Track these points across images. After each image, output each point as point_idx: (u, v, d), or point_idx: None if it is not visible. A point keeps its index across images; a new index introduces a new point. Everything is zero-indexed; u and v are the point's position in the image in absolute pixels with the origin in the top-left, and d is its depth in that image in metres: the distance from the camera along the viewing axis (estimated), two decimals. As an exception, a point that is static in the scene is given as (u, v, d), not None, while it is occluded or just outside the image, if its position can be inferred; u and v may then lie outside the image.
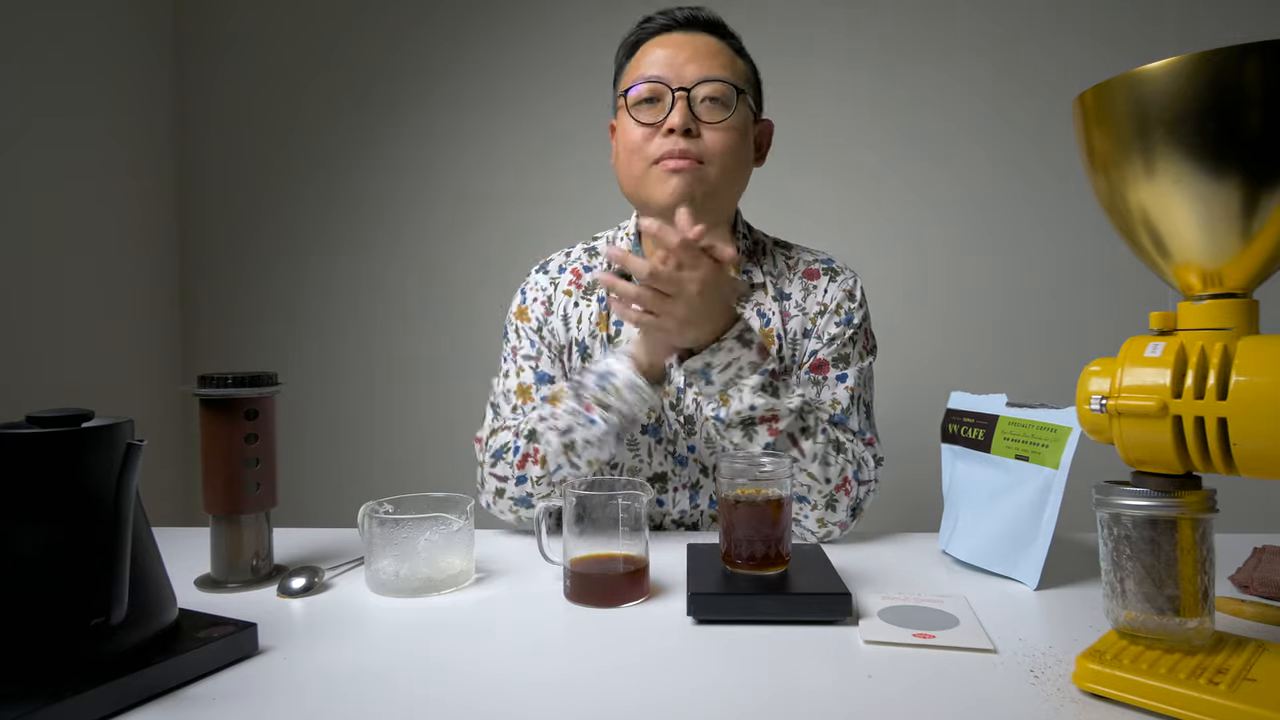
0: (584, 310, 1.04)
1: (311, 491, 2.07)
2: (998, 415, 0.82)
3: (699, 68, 0.94)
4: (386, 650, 0.62)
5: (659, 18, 0.99)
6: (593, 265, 1.07)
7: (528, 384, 1.02)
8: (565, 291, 1.05)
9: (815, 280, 1.03)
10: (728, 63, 0.97)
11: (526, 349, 1.04)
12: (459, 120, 2.04)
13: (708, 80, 0.94)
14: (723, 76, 0.95)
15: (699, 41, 0.96)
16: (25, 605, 0.52)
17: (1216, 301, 0.51)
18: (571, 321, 1.04)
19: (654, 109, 0.95)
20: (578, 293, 1.05)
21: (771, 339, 1.00)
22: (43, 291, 1.72)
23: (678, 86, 0.93)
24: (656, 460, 1.00)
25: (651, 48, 0.97)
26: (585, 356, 1.02)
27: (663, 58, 0.95)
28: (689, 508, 1.01)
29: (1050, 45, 1.81)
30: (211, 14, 2.12)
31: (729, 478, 0.72)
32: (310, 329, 2.12)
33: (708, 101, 0.94)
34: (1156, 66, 0.49)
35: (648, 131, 0.95)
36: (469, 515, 0.77)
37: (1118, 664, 0.52)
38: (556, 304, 1.05)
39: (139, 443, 0.56)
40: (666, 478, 1.00)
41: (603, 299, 1.03)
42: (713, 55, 0.96)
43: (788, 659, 0.60)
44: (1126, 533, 0.54)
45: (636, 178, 0.97)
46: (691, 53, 0.95)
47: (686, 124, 0.92)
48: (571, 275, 1.07)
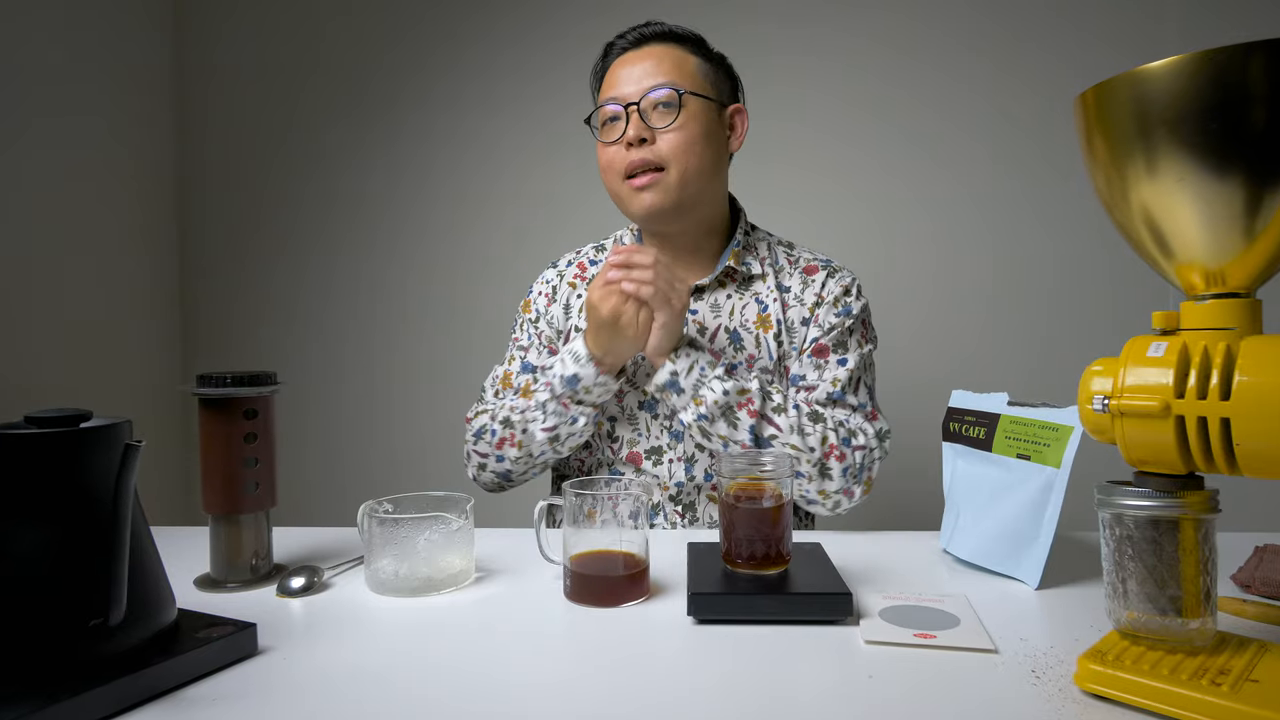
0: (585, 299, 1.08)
1: (311, 491, 2.07)
2: (999, 414, 0.82)
3: (645, 78, 1.01)
4: (386, 650, 0.62)
5: (618, 42, 1.06)
6: (598, 259, 1.16)
7: (512, 372, 1.13)
8: (570, 283, 1.14)
9: (814, 275, 1.09)
10: (673, 66, 1.02)
11: (523, 340, 1.15)
12: (459, 120, 2.04)
13: (654, 89, 1.00)
14: (665, 82, 1.00)
15: (649, 54, 1.03)
16: (24, 606, 0.51)
17: (1219, 301, 0.51)
18: (573, 310, 1.12)
19: (615, 128, 1.03)
20: (581, 284, 1.14)
21: (770, 324, 1.06)
22: (43, 291, 1.72)
23: (627, 103, 1.01)
24: (653, 434, 1.05)
25: (613, 72, 1.04)
26: None
27: (619, 79, 1.03)
28: (684, 479, 1.05)
29: (1050, 45, 1.81)
30: (212, 14, 2.12)
31: (729, 477, 0.72)
32: (310, 329, 2.12)
33: (659, 108, 1.01)
34: (1158, 65, 0.48)
35: (615, 149, 1.02)
36: (469, 515, 0.77)
37: (1119, 664, 0.52)
38: (560, 293, 1.14)
39: (137, 443, 0.56)
40: (662, 450, 1.05)
41: None
42: (659, 61, 1.02)
43: (788, 659, 0.60)
44: (1129, 533, 0.54)
45: (616, 194, 1.05)
46: (642, 70, 1.01)
47: (640, 134, 0.99)
48: (577, 269, 1.16)
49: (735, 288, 1.07)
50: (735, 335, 1.05)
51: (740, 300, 1.06)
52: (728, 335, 1.05)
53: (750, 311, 1.06)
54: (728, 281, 1.07)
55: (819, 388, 1.02)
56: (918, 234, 1.88)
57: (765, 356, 1.04)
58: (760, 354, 1.04)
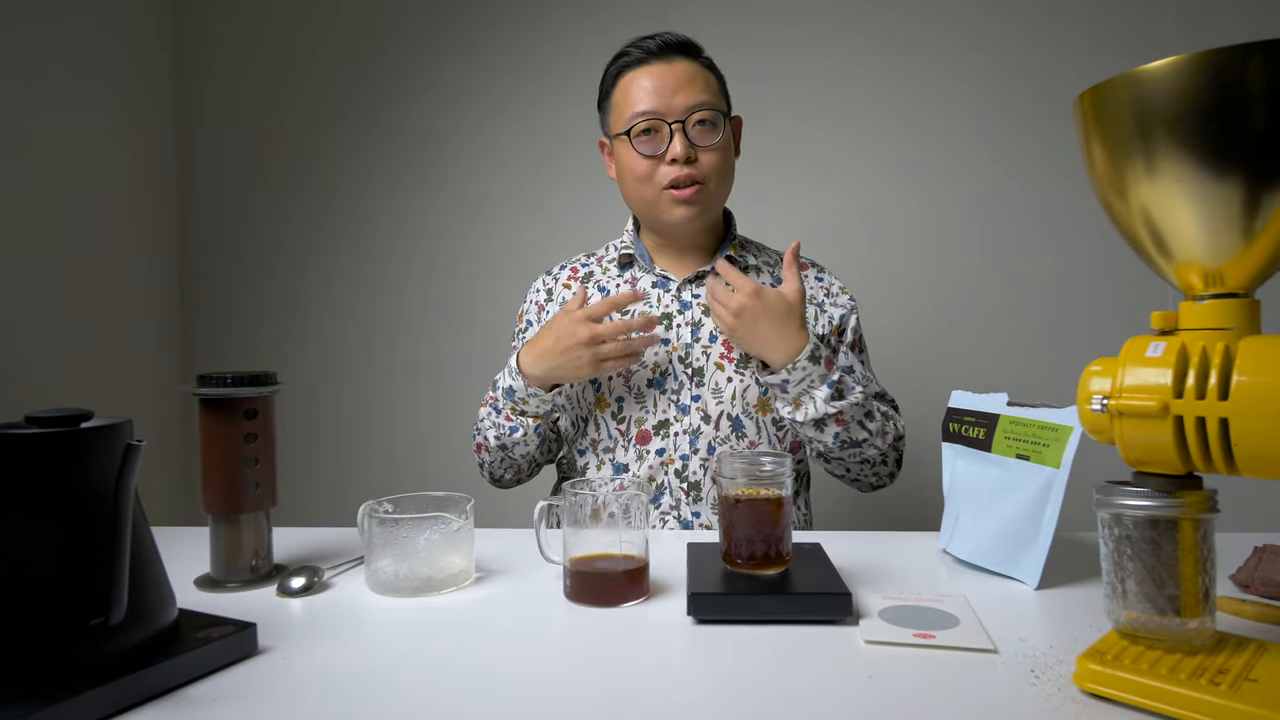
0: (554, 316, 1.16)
1: (311, 491, 2.08)
2: (999, 414, 0.82)
3: (686, 96, 1.05)
4: (386, 650, 0.62)
5: (634, 50, 1.08)
6: (589, 263, 1.21)
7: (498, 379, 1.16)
8: (565, 285, 1.20)
9: (806, 270, 1.19)
10: (706, 84, 1.07)
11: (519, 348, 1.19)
12: (459, 119, 2.04)
13: (697, 108, 1.05)
14: (708, 102, 1.06)
15: (678, 69, 1.06)
16: (24, 605, 0.52)
17: (1218, 301, 0.51)
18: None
19: (652, 140, 1.06)
20: (576, 284, 1.19)
21: None
22: (43, 291, 1.72)
23: (673, 120, 1.04)
24: (660, 408, 1.09)
25: (636, 78, 1.07)
26: None
27: (649, 89, 1.05)
28: (689, 451, 1.08)
29: (1050, 45, 1.81)
30: (212, 13, 2.12)
31: (729, 477, 0.72)
32: (310, 329, 2.12)
33: (699, 126, 1.06)
34: (1158, 66, 0.48)
35: (651, 163, 1.06)
36: (469, 515, 0.77)
37: (1118, 664, 0.52)
38: (556, 294, 1.19)
39: (138, 443, 0.56)
40: (669, 424, 1.09)
41: (604, 289, 1.17)
42: (693, 81, 1.06)
43: (788, 659, 0.60)
44: (1127, 533, 0.54)
45: (649, 202, 1.08)
46: (675, 82, 1.05)
47: (687, 153, 1.04)
48: (570, 272, 1.21)
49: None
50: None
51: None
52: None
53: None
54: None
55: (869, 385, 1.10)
56: (917, 234, 1.88)
57: None
58: None
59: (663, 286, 1.14)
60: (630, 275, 1.16)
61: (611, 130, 1.11)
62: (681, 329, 1.10)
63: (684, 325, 1.10)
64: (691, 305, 1.12)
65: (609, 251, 1.21)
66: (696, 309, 1.11)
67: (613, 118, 1.10)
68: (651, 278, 1.15)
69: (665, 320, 1.11)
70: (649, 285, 1.14)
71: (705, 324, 1.10)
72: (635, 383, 1.09)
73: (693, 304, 1.12)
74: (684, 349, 1.10)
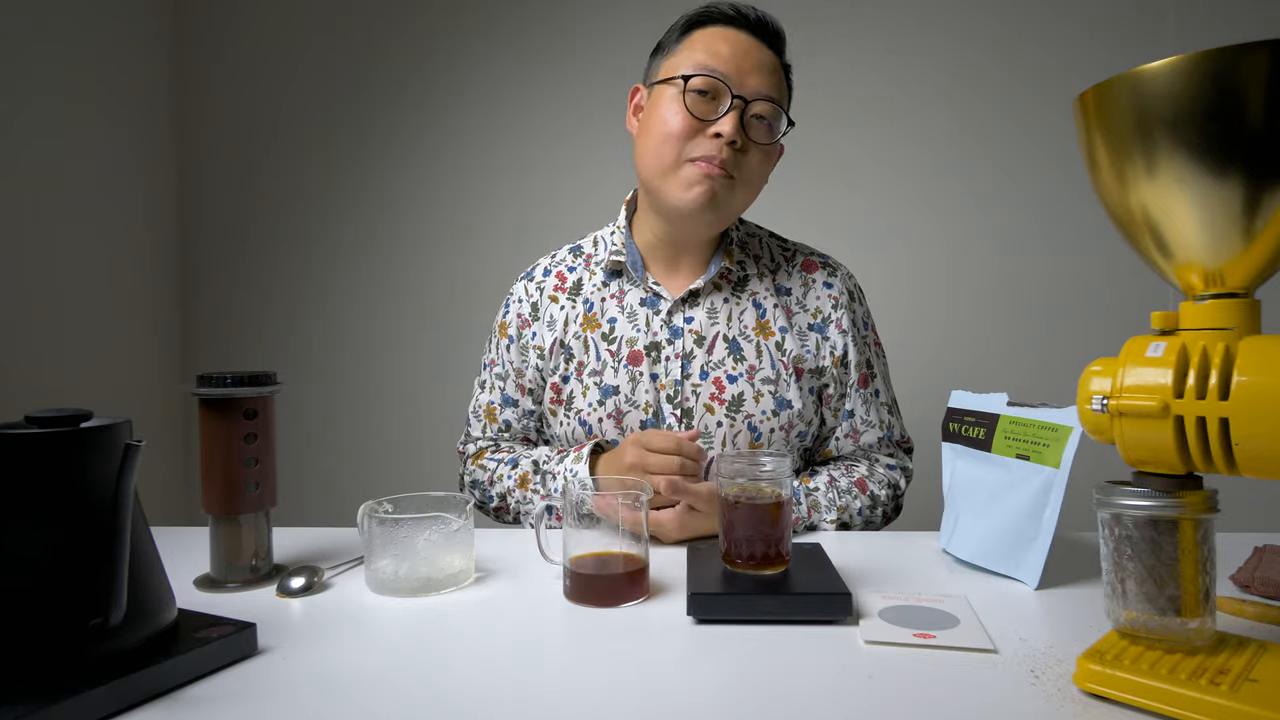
0: (569, 311, 1.07)
1: (311, 491, 2.08)
2: (999, 414, 0.82)
3: (759, 81, 0.94)
4: (386, 650, 0.62)
5: (728, 9, 0.97)
6: (576, 265, 1.10)
7: (494, 405, 1.12)
8: (551, 296, 1.08)
9: (813, 273, 1.07)
10: (780, 87, 0.98)
11: (499, 368, 1.12)
12: (459, 119, 2.04)
13: (765, 99, 0.94)
14: (777, 98, 0.96)
15: (764, 53, 0.96)
16: (23, 606, 0.51)
17: (1218, 301, 0.51)
18: (557, 324, 1.07)
19: (706, 103, 0.94)
20: (563, 296, 1.08)
21: (772, 331, 1.03)
22: (43, 291, 1.72)
23: (738, 94, 0.93)
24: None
25: (716, 36, 0.95)
26: (569, 356, 1.05)
27: (726, 54, 0.94)
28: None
29: (1050, 45, 1.81)
30: (213, 12, 2.12)
31: (729, 477, 0.72)
32: (310, 329, 2.12)
33: (756, 119, 0.95)
34: (1158, 66, 0.48)
35: (693, 125, 0.93)
36: (469, 515, 0.77)
37: (1118, 664, 0.52)
38: (542, 309, 1.08)
39: (137, 443, 0.56)
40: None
41: (589, 302, 1.06)
42: (772, 72, 0.96)
43: (788, 659, 0.60)
44: (1128, 533, 0.54)
45: (666, 166, 0.95)
46: (755, 62, 0.94)
47: (736, 136, 0.92)
48: (556, 279, 1.10)
49: (731, 290, 1.04)
50: (734, 345, 1.01)
51: (738, 305, 1.03)
52: (726, 345, 1.01)
53: (749, 317, 1.02)
54: (723, 284, 1.04)
55: (867, 433, 1.06)
56: (917, 234, 1.88)
57: (766, 367, 1.01)
58: (761, 364, 1.01)
59: (651, 306, 1.03)
60: (618, 288, 1.05)
61: (662, 74, 0.98)
62: (670, 362, 1.00)
63: (674, 358, 1.00)
64: (683, 332, 1.01)
65: (598, 250, 1.10)
66: (689, 337, 1.01)
67: (669, 61, 0.97)
68: (640, 293, 1.04)
69: (653, 352, 1.02)
70: (636, 303, 1.04)
71: (697, 356, 1.01)
72: (628, 424, 1.01)
73: (684, 330, 1.01)
74: (672, 387, 1.00)
